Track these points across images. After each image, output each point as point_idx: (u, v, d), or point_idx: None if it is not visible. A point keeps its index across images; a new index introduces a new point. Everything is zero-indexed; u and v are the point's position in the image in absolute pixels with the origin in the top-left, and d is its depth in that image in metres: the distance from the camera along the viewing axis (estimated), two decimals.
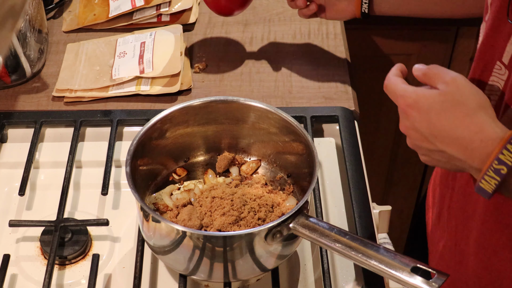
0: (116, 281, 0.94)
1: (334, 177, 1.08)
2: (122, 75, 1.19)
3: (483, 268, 0.93)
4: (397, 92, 0.81)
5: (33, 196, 1.05)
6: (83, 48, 1.28)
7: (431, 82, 0.79)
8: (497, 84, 0.82)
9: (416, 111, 0.78)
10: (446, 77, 0.78)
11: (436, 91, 0.78)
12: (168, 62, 1.20)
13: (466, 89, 0.77)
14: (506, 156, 0.72)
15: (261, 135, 0.99)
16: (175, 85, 1.18)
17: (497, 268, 0.92)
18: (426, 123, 0.77)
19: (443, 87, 0.77)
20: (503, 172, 0.73)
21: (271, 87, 1.23)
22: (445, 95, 0.77)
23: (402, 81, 0.82)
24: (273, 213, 0.91)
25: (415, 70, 0.82)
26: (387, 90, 0.83)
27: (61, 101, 1.19)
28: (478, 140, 0.74)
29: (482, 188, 0.76)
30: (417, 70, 0.81)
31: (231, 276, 0.86)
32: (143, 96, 1.19)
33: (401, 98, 0.80)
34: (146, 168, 0.95)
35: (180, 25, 1.30)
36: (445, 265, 1.02)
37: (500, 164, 0.73)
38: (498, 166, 0.73)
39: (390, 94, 0.82)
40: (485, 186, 0.75)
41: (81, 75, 1.22)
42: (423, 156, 0.83)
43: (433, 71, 0.79)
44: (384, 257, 0.78)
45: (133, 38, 1.27)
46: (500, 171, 0.73)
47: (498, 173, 0.73)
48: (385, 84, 0.83)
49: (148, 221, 0.85)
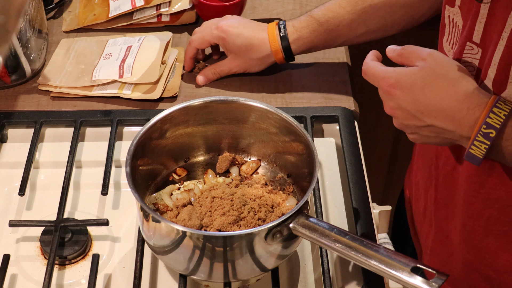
0: (116, 281, 0.94)
1: (334, 177, 1.08)
2: (102, 77, 1.19)
3: (472, 254, 0.94)
4: (377, 74, 0.82)
5: (33, 196, 1.05)
6: (75, 44, 1.29)
7: (408, 61, 0.81)
8: (470, 64, 0.83)
9: (399, 89, 0.79)
10: (422, 54, 0.79)
11: (415, 68, 0.79)
12: (147, 69, 1.19)
13: (444, 61, 0.78)
14: (494, 119, 0.74)
15: (261, 135, 0.99)
16: (154, 92, 1.17)
17: (485, 251, 0.92)
18: (411, 100, 0.79)
19: (422, 63, 0.79)
20: (492, 136, 0.74)
21: (271, 87, 1.23)
22: (425, 69, 0.78)
23: (380, 64, 0.83)
24: (273, 213, 0.91)
25: (389, 51, 0.83)
26: (366, 75, 0.84)
27: (61, 101, 1.19)
28: (465, 108, 0.76)
29: (472, 154, 0.77)
30: (391, 51, 0.83)
31: (231, 276, 0.86)
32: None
33: (382, 79, 0.81)
34: (146, 168, 0.95)
35: (170, 33, 1.29)
36: (437, 259, 1.03)
37: (488, 128, 0.74)
38: (486, 130, 0.74)
39: (370, 78, 0.83)
40: (475, 152, 0.76)
41: (66, 71, 1.22)
42: (412, 134, 0.84)
43: (408, 50, 0.81)
44: (384, 257, 0.78)
45: (122, 41, 1.27)
46: (489, 134, 0.74)
47: (487, 137, 0.74)
48: (363, 70, 0.84)
49: (148, 221, 0.85)
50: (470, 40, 0.82)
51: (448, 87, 0.77)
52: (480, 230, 0.91)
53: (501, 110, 0.74)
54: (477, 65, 0.82)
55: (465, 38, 0.82)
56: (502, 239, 0.89)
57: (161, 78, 1.19)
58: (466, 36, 0.82)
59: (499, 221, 0.88)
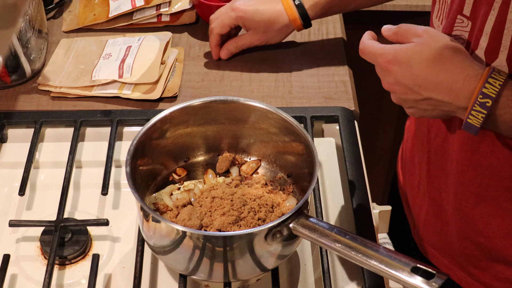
0: (116, 281, 0.94)
1: (334, 177, 1.08)
2: (101, 77, 1.19)
3: (464, 222, 0.97)
4: (374, 52, 0.85)
5: (33, 196, 1.05)
6: (75, 44, 1.29)
7: (404, 39, 0.84)
8: (461, 37, 0.86)
9: (397, 65, 0.82)
10: (418, 30, 0.83)
11: (412, 44, 0.82)
12: (147, 69, 1.19)
13: (439, 37, 0.82)
14: (489, 89, 0.77)
15: (261, 135, 0.99)
16: (154, 92, 1.17)
17: (476, 219, 0.95)
18: (409, 74, 0.82)
19: (418, 40, 0.82)
20: (488, 105, 0.78)
21: (271, 87, 1.23)
22: (421, 45, 0.81)
23: (377, 43, 0.86)
24: (273, 213, 0.91)
25: (385, 30, 0.86)
26: (364, 54, 0.87)
27: (61, 101, 1.19)
28: (461, 79, 0.79)
29: (470, 124, 0.80)
30: (387, 30, 0.86)
31: (231, 276, 0.86)
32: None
33: (380, 56, 0.84)
34: (146, 168, 0.95)
35: (169, 33, 1.30)
36: (431, 231, 1.06)
37: (484, 97, 0.78)
38: (483, 99, 0.78)
39: (368, 56, 0.86)
40: (473, 121, 0.79)
41: (65, 72, 1.22)
42: (410, 109, 0.87)
43: (404, 28, 0.85)
44: (384, 257, 0.78)
45: (122, 41, 1.28)
46: (486, 104, 0.78)
47: (483, 106, 0.78)
48: (360, 48, 0.87)
49: (148, 221, 0.85)
50: (460, 13, 0.85)
51: (444, 61, 0.80)
52: (472, 198, 0.94)
53: (496, 80, 0.78)
54: (466, 37, 0.85)
55: (455, 12, 0.85)
56: (492, 204, 0.93)
57: (161, 78, 1.19)
58: (456, 10, 0.85)
59: (490, 187, 0.92)
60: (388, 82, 0.85)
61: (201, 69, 1.27)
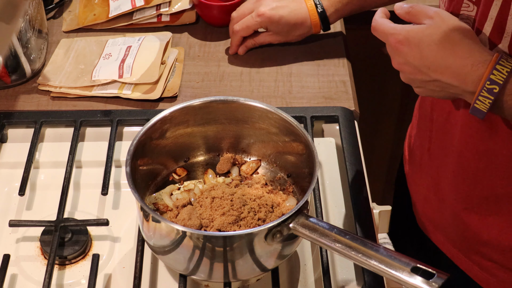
0: (116, 281, 0.94)
1: (334, 177, 1.08)
2: (101, 77, 1.19)
3: (459, 202, 0.99)
4: (386, 31, 0.86)
5: (33, 196, 1.05)
6: (75, 45, 1.29)
7: (416, 19, 0.85)
8: (467, 20, 0.87)
9: (407, 46, 0.84)
10: (430, 12, 0.84)
11: (423, 26, 0.83)
12: (147, 69, 1.19)
13: (450, 21, 0.83)
14: (497, 76, 0.79)
15: (261, 135, 0.99)
16: (154, 92, 1.17)
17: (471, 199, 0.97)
18: (419, 56, 0.83)
19: (429, 22, 0.83)
20: (495, 91, 0.79)
21: (271, 87, 1.23)
22: (432, 28, 0.82)
23: (389, 21, 0.87)
24: (273, 213, 0.91)
25: (397, 8, 0.87)
26: (375, 31, 0.88)
27: (61, 101, 1.19)
28: (469, 64, 0.80)
29: (477, 109, 0.81)
30: (400, 8, 0.87)
31: (231, 276, 0.86)
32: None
33: (391, 36, 0.85)
34: (146, 168, 0.95)
35: (169, 33, 1.30)
36: (429, 208, 1.08)
37: (492, 84, 0.79)
38: (490, 86, 0.79)
39: (379, 34, 0.87)
40: (480, 106, 0.81)
41: (65, 72, 1.22)
42: (418, 88, 0.88)
43: (416, 9, 0.85)
44: (384, 257, 0.78)
45: (122, 41, 1.27)
46: (493, 90, 0.79)
47: (491, 92, 0.79)
48: (372, 26, 0.88)
49: (148, 221, 0.85)
50: None
51: (453, 45, 0.81)
52: (468, 180, 0.96)
53: (503, 67, 0.79)
54: (471, 22, 0.86)
55: None
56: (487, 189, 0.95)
57: (161, 78, 1.19)
58: None
59: (485, 172, 0.93)
60: (398, 62, 0.86)
61: (201, 69, 1.27)
